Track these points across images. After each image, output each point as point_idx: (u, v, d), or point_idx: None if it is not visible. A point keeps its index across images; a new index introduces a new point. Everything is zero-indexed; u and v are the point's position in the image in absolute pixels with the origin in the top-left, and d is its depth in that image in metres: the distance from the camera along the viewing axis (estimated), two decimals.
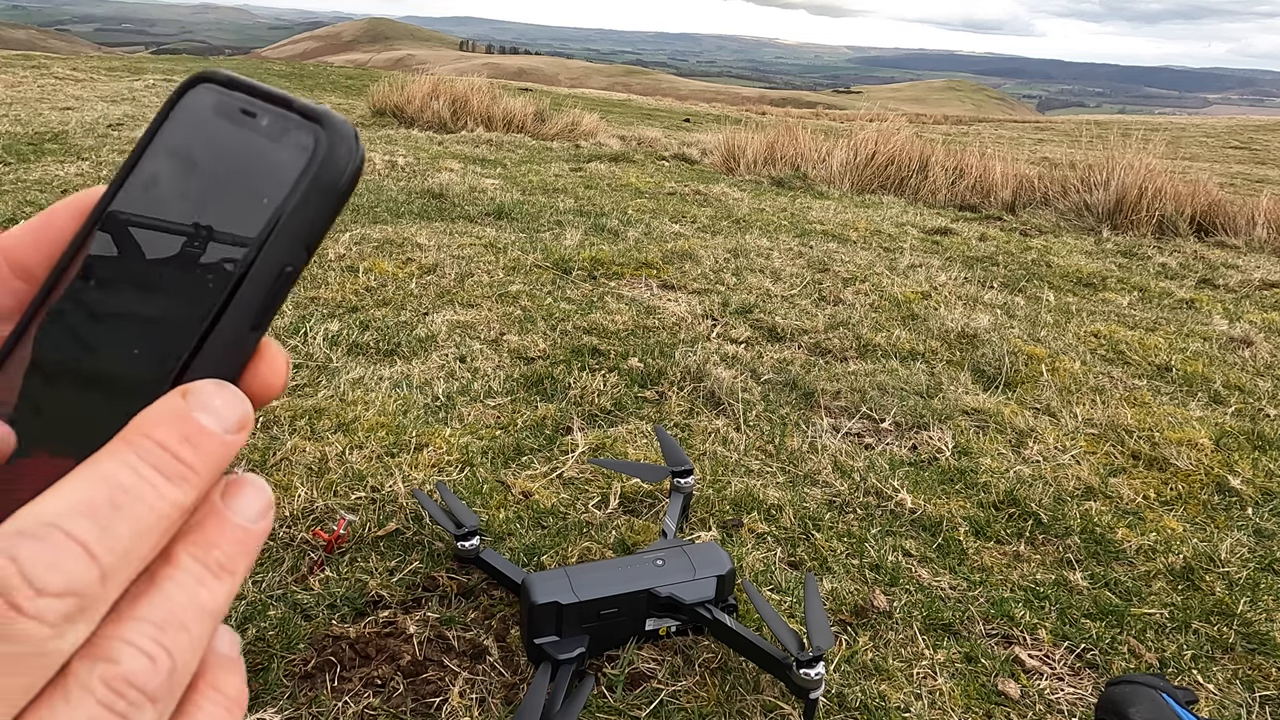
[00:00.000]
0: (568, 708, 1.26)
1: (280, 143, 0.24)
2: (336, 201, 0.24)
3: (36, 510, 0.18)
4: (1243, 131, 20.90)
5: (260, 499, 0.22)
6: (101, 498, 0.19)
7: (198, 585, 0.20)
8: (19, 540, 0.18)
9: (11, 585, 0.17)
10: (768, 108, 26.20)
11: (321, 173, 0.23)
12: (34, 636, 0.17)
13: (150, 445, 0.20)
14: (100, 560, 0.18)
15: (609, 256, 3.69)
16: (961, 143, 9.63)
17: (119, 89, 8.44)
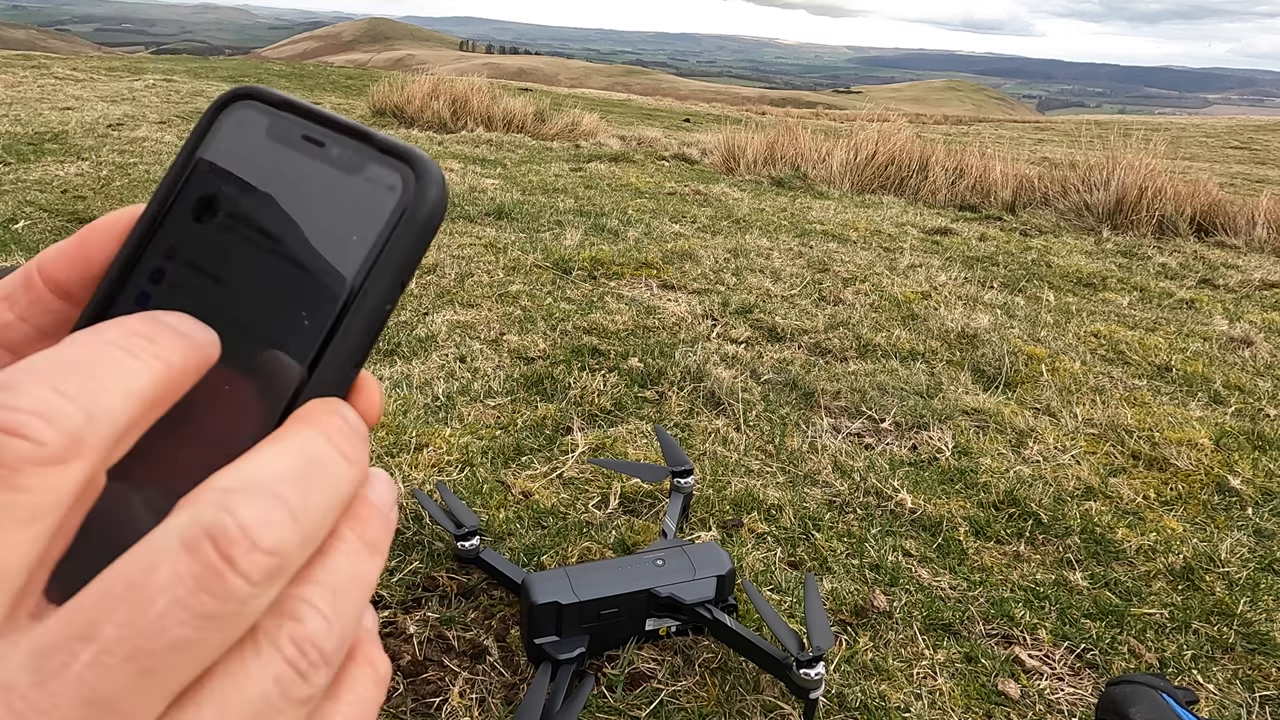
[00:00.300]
0: (568, 708, 1.26)
1: (360, 177, 0.23)
2: (428, 239, 0.23)
3: (247, 470, 0.19)
4: (1243, 131, 20.91)
5: (392, 490, 0.23)
6: (299, 466, 0.19)
7: (358, 559, 0.20)
8: (235, 496, 0.18)
9: (230, 536, 0.17)
10: (768, 108, 26.21)
11: (416, 212, 0.22)
12: (237, 593, 0.17)
13: (331, 427, 0.21)
14: (300, 524, 0.18)
15: (609, 256, 3.69)
16: (961, 143, 9.63)
17: (119, 89, 8.44)
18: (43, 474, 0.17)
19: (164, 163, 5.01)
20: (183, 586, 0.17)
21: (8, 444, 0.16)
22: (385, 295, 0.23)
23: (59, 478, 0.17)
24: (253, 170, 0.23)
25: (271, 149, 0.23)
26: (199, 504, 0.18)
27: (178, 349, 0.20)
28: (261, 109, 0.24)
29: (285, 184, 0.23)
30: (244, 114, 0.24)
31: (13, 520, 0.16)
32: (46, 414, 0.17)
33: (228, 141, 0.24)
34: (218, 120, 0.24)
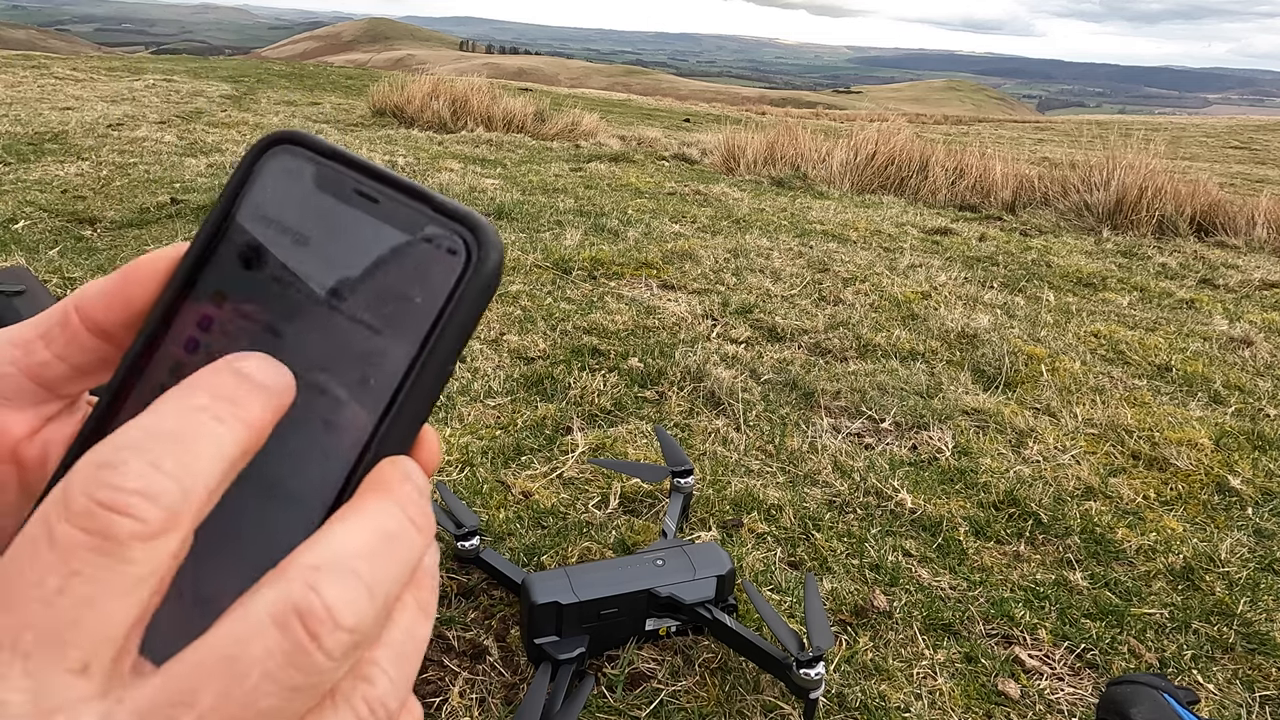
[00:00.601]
0: (568, 708, 1.26)
1: (419, 238, 0.23)
2: (488, 303, 0.23)
3: (329, 546, 0.20)
4: (1243, 131, 20.91)
5: (438, 554, 0.23)
6: (376, 541, 0.20)
7: (417, 623, 0.22)
8: (319, 574, 0.19)
9: (317, 617, 0.18)
10: (768, 108, 26.21)
11: (478, 278, 0.23)
12: (321, 668, 0.18)
13: (406, 497, 0.21)
14: (376, 600, 0.20)
15: (609, 256, 3.69)
16: (961, 143, 9.63)
17: (119, 89, 8.44)
18: (145, 547, 0.18)
19: (164, 162, 5.01)
20: (273, 661, 0.18)
21: (116, 522, 0.18)
22: (448, 358, 0.23)
23: (159, 549, 0.18)
24: (304, 221, 0.23)
25: (321, 200, 0.23)
26: (287, 580, 0.19)
27: (258, 406, 0.21)
28: (307, 156, 0.24)
29: (340, 238, 0.23)
30: (288, 161, 0.24)
31: (119, 590, 0.18)
32: (149, 493, 0.18)
33: (274, 188, 0.23)
34: (260, 164, 0.24)
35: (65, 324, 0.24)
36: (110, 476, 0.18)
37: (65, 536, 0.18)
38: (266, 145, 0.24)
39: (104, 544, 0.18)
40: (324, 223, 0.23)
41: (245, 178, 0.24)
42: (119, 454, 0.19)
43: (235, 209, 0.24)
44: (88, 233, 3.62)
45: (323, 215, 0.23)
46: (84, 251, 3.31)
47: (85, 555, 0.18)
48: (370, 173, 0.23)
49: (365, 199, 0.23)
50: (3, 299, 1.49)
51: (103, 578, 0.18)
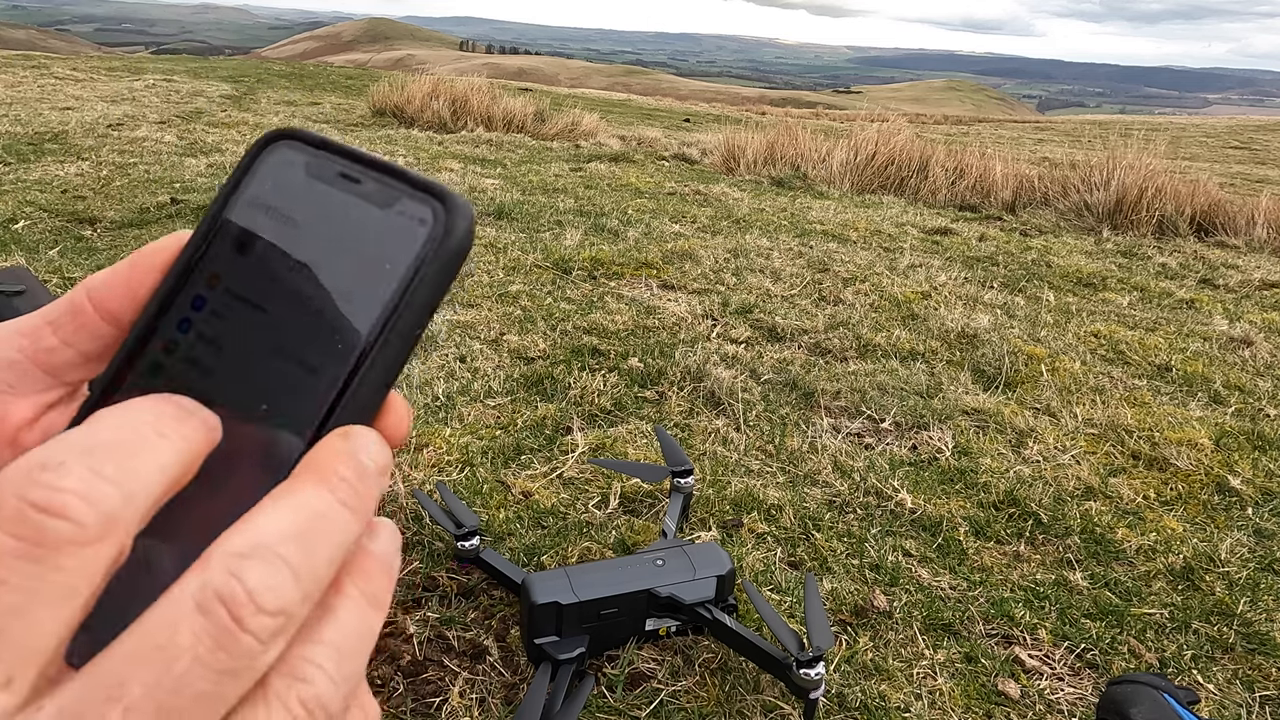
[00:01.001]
0: (568, 708, 1.26)
1: (393, 210, 0.24)
2: (457, 268, 0.25)
3: (251, 532, 0.20)
4: (1243, 131, 20.91)
5: (395, 539, 0.24)
6: (303, 524, 0.20)
7: (362, 615, 0.22)
8: (240, 560, 0.19)
9: (238, 601, 0.18)
10: (768, 108, 26.20)
11: (445, 242, 0.24)
12: (249, 650, 0.19)
13: (337, 480, 0.21)
14: (303, 583, 0.20)
15: (609, 256, 3.69)
16: (961, 143, 9.63)
17: (119, 89, 8.44)
18: (80, 553, 0.18)
19: (164, 162, 5.01)
20: (203, 645, 0.18)
21: (50, 525, 0.17)
22: (416, 320, 0.24)
23: (94, 556, 0.18)
24: (292, 204, 0.25)
25: (310, 185, 0.25)
26: (210, 568, 0.19)
27: (198, 429, 0.22)
28: (300, 148, 0.26)
29: (323, 217, 0.25)
30: (284, 153, 0.26)
31: (49, 600, 0.17)
32: (88, 495, 0.18)
33: (271, 178, 0.25)
34: (260, 158, 0.26)
35: (76, 312, 0.24)
36: (46, 477, 0.18)
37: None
38: (266, 142, 0.26)
39: (34, 550, 0.17)
40: (311, 205, 0.25)
41: (246, 170, 0.25)
42: (56, 456, 0.18)
43: (233, 199, 0.25)
44: (88, 233, 3.62)
45: (310, 198, 0.25)
46: (84, 251, 3.31)
47: (14, 563, 0.17)
48: (352, 156, 0.25)
49: (349, 180, 0.25)
50: (3, 299, 1.49)
51: (32, 587, 0.17)
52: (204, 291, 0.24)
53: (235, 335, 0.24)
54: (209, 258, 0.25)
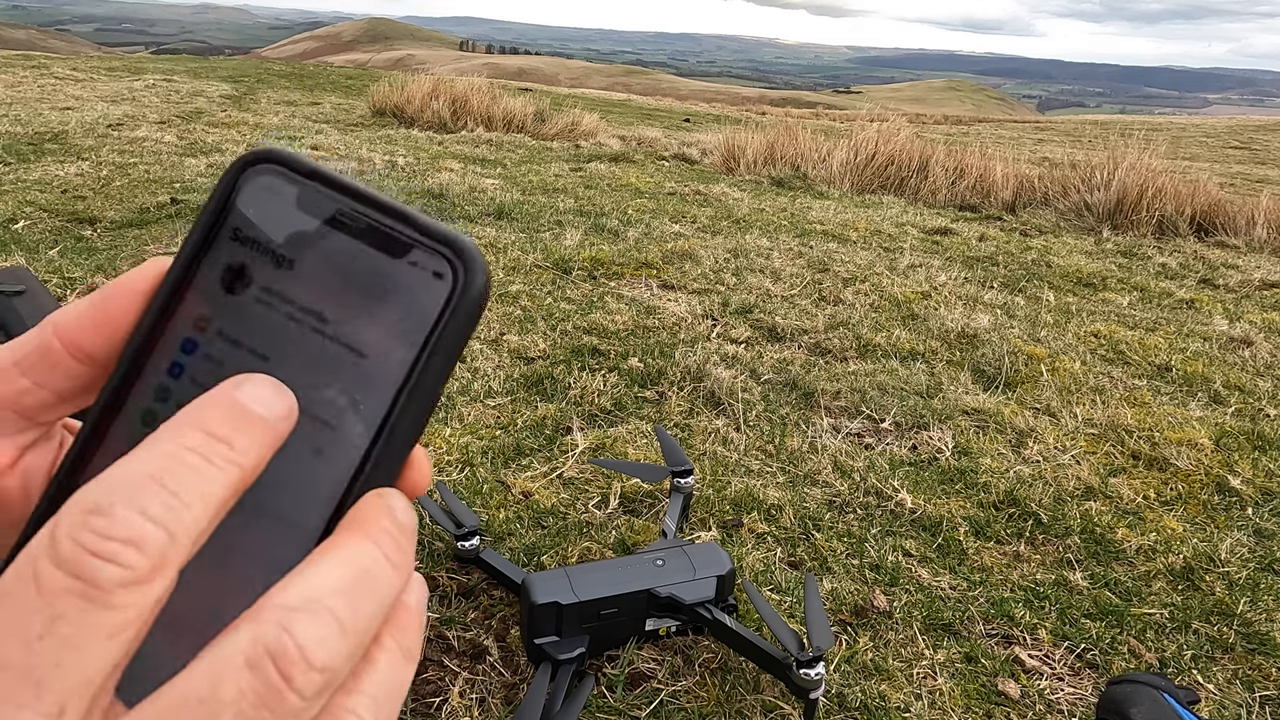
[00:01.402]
0: (568, 708, 1.26)
1: (405, 261, 0.23)
2: (475, 325, 0.23)
3: (304, 585, 0.20)
4: (1243, 131, 20.91)
5: (425, 592, 0.24)
6: (352, 579, 0.20)
7: (398, 667, 0.22)
8: (292, 614, 0.19)
9: (289, 658, 0.19)
10: (768, 108, 26.20)
11: (464, 301, 0.23)
12: (295, 708, 0.19)
13: (382, 534, 0.21)
14: (350, 638, 0.20)
15: (609, 256, 3.69)
16: (961, 143, 9.63)
17: (119, 89, 8.44)
18: (130, 593, 0.18)
19: (164, 162, 5.01)
20: (246, 702, 0.18)
21: (102, 570, 0.18)
22: (436, 383, 0.23)
23: (144, 595, 0.18)
24: (287, 243, 0.23)
25: (304, 221, 0.23)
26: (260, 621, 0.19)
27: (253, 443, 0.21)
28: (288, 176, 0.23)
29: (324, 261, 0.23)
30: (269, 180, 0.23)
31: (102, 635, 0.18)
32: (137, 540, 0.18)
33: (255, 209, 0.23)
34: (240, 184, 0.23)
35: (45, 350, 0.23)
36: (97, 523, 0.18)
37: (51, 580, 0.18)
38: (245, 164, 0.23)
39: (89, 590, 0.18)
40: (309, 245, 0.23)
41: (226, 197, 0.23)
42: (107, 498, 0.19)
43: (216, 230, 0.23)
44: (88, 233, 3.62)
45: (307, 237, 0.23)
46: (84, 251, 3.31)
47: (69, 600, 0.18)
48: (353, 194, 0.23)
49: (349, 221, 0.23)
50: (3, 299, 1.49)
51: (86, 622, 0.18)
52: (192, 334, 0.23)
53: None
54: (194, 295, 0.23)
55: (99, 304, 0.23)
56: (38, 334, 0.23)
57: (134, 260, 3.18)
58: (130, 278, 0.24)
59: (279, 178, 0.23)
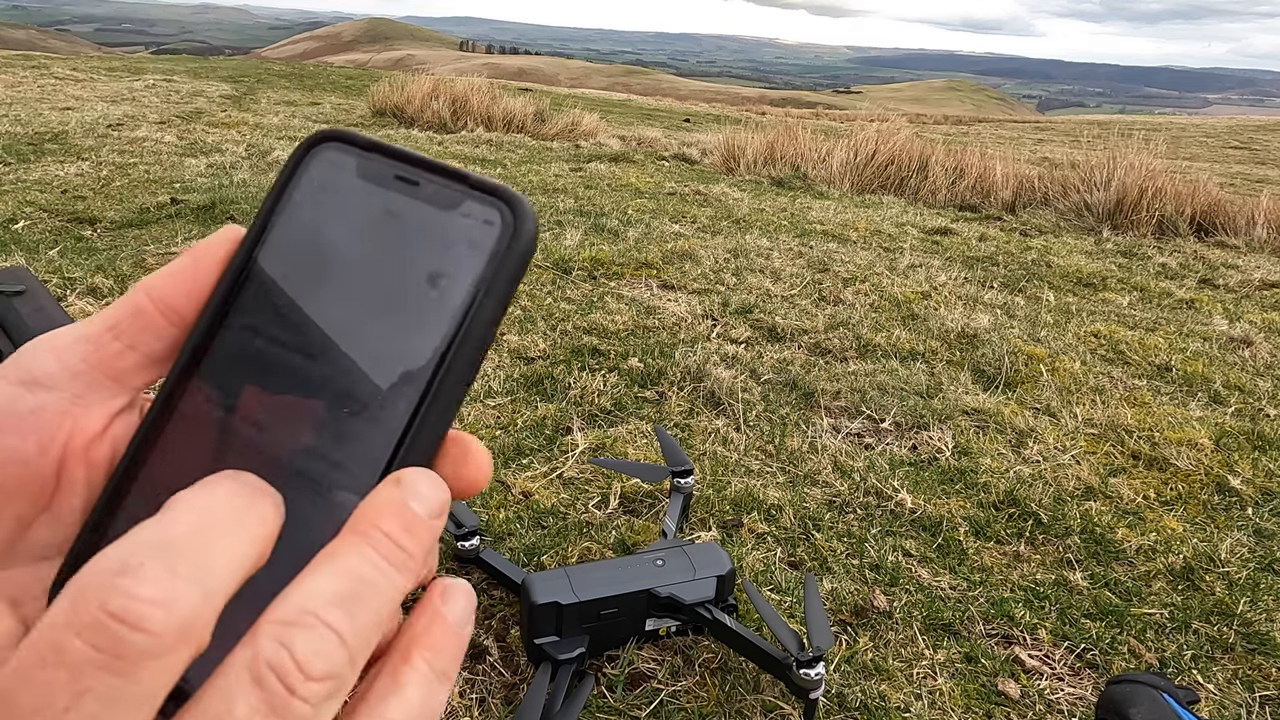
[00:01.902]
0: (568, 708, 1.26)
1: (456, 213, 0.24)
2: (524, 269, 0.24)
3: (296, 600, 0.20)
4: (1243, 131, 20.90)
5: (470, 604, 0.23)
6: (348, 589, 0.20)
7: (430, 689, 0.22)
8: (288, 629, 0.19)
9: (287, 670, 0.19)
10: (768, 108, 26.20)
11: (515, 244, 0.23)
12: (304, 714, 0.19)
13: (380, 537, 0.21)
14: (350, 646, 0.20)
15: (609, 256, 3.69)
16: (961, 143, 9.63)
17: (119, 89, 8.44)
18: (158, 663, 0.18)
19: (164, 162, 5.01)
20: (257, 715, 0.18)
21: (129, 639, 0.17)
22: (485, 330, 0.23)
23: (171, 665, 0.18)
24: (349, 207, 0.24)
25: (365, 188, 0.24)
26: (260, 637, 0.19)
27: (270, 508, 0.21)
28: (349, 150, 0.25)
29: (384, 220, 0.24)
30: (332, 155, 0.25)
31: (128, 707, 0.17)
32: (165, 601, 0.18)
33: (320, 179, 0.25)
34: (306, 160, 0.25)
35: (138, 313, 0.24)
36: (124, 583, 0.18)
37: (75, 653, 0.17)
38: (311, 144, 0.25)
39: (114, 662, 0.17)
40: (370, 208, 0.24)
41: (293, 172, 0.25)
42: (135, 556, 0.18)
43: (284, 200, 0.25)
44: (88, 233, 3.62)
45: (369, 201, 0.24)
46: (84, 251, 3.31)
47: (95, 673, 0.17)
48: (407, 158, 0.24)
49: (405, 183, 0.24)
50: (3, 299, 1.49)
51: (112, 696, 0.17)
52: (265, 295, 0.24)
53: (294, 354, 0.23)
54: (265, 258, 0.24)
55: (188, 265, 0.24)
56: (129, 298, 0.24)
57: (134, 260, 3.18)
58: (213, 241, 0.25)
59: (341, 153, 0.25)
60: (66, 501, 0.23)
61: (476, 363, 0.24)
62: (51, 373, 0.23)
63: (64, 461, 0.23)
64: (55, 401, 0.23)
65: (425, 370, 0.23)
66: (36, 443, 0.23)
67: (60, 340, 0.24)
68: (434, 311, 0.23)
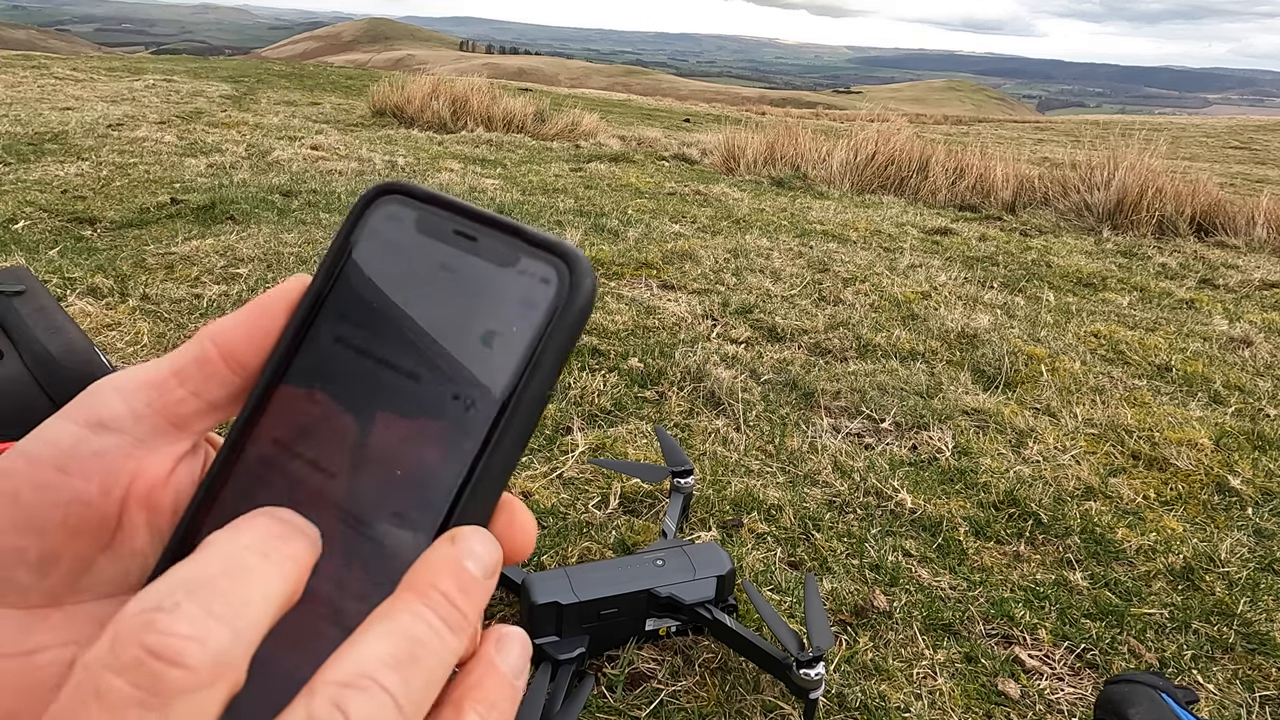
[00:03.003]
0: (568, 708, 1.26)
1: (514, 270, 0.24)
2: (582, 328, 0.24)
3: (352, 660, 0.20)
4: (1243, 131, 20.90)
5: (525, 654, 0.23)
6: (403, 651, 0.20)
7: None
8: (344, 691, 0.19)
9: None
10: (768, 108, 26.19)
11: (572, 304, 0.23)
12: None
13: (437, 597, 0.21)
14: (405, 711, 0.19)
15: (609, 256, 3.69)
16: (961, 143, 9.63)
17: (119, 89, 8.44)
18: (194, 698, 0.18)
19: (164, 162, 5.01)
20: None
21: (166, 674, 0.17)
22: (543, 388, 0.23)
23: (209, 699, 0.18)
24: (408, 261, 0.24)
25: (423, 243, 0.24)
26: (315, 697, 0.19)
27: (302, 545, 0.21)
28: (408, 203, 0.25)
29: (442, 275, 0.24)
30: (392, 208, 0.25)
31: None
32: (201, 638, 0.18)
33: (381, 233, 0.25)
34: (367, 213, 0.25)
35: (204, 362, 0.24)
36: (161, 621, 0.18)
37: (113, 691, 0.17)
38: (372, 196, 0.25)
39: (152, 699, 0.17)
40: (428, 262, 0.24)
41: (354, 225, 0.25)
42: (172, 596, 0.18)
43: (349, 251, 0.25)
44: (88, 233, 3.62)
45: (426, 256, 0.24)
46: (84, 251, 3.31)
47: (134, 711, 0.17)
48: (466, 213, 0.25)
49: (464, 238, 0.24)
50: (3, 299, 1.49)
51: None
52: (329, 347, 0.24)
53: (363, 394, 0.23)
54: (328, 310, 0.24)
55: (254, 315, 0.25)
56: (194, 345, 0.24)
57: (134, 260, 3.18)
58: (280, 291, 0.25)
59: (401, 205, 0.25)
60: (128, 543, 0.24)
61: (532, 424, 0.23)
62: (117, 416, 0.23)
63: (126, 504, 0.23)
64: (120, 445, 0.23)
65: (480, 430, 0.23)
66: (100, 484, 0.23)
67: (126, 383, 0.24)
68: (491, 371, 0.23)
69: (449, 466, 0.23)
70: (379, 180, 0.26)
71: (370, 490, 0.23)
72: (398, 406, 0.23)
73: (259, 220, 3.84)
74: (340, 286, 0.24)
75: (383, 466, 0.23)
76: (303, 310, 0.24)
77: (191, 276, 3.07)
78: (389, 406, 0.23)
